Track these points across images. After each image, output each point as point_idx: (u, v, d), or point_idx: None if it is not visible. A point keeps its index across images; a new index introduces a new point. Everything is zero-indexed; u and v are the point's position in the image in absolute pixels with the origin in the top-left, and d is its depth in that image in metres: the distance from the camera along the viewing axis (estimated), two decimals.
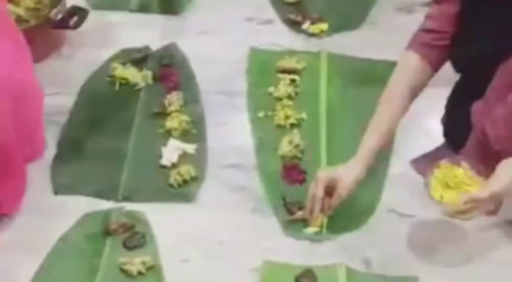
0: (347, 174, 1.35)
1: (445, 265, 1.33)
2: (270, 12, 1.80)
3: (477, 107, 1.35)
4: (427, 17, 1.42)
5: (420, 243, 1.37)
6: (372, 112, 1.57)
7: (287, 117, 1.56)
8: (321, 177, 1.35)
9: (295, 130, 1.52)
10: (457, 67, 1.39)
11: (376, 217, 1.40)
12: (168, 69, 1.66)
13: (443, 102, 1.50)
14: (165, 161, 1.49)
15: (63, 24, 1.66)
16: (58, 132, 1.53)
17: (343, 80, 1.64)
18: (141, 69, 1.65)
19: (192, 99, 1.60)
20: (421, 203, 1.42)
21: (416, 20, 1.78)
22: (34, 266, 1.31)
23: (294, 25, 1.77)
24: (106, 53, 1.68)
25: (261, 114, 1.57)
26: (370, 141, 1.36)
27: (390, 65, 1.66)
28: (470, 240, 1.37)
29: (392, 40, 1.74)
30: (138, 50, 1.68)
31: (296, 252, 1.35)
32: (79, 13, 1.68)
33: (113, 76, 1.63)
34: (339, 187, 1.34)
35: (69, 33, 1.71)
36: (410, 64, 1.40)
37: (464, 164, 1.30)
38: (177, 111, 1.57)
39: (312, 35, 1.75)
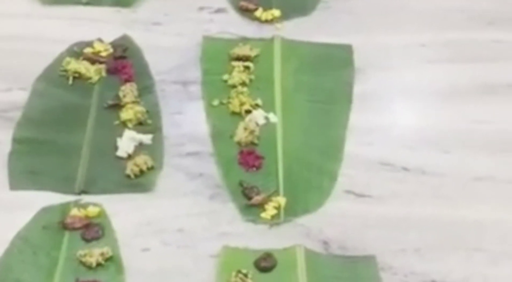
0: None
1: (401, 244, 1.35)
2: (223, 1, 1.79)
3: None
4: None
5: (377, 223, 1.38)
6: (326, 96, 1.59)
7: (242, 104, 1.56)
8: None
9: (250, 117, 1.53)
10: None
11: (333, 198, 1.41)
12: (122, 61, 1.65)
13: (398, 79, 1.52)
14: (121, 152, 1.48)
15: None
16: (13, 129, 1.52)
17: (297, 65, 1.65)
18: (94, 63, 1.65)
19: (146, 90, 1.59)
20: (378, 183, 1.44)
21: (368, 3, 1.81)
22: None
23: (247, 12, 1.77)
24: (59, 48, 1.66)
25: (216, 102, 1.58)
26: None
27: (344, 49, 1.69)
28: (425, 219, 1.39)
29: (345, 24, 1.76)
30: (90, 43, 1.68)
31: (255, 236, 1.36)
32: None
33: (66, 71, 1.62)
34: None
35: (20, 27, 1.70)
36: None
37: None
38: (132, 102, 1.56)
39: (265, 22, 1.75)
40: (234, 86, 1.60)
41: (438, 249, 1.33)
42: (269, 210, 1.39)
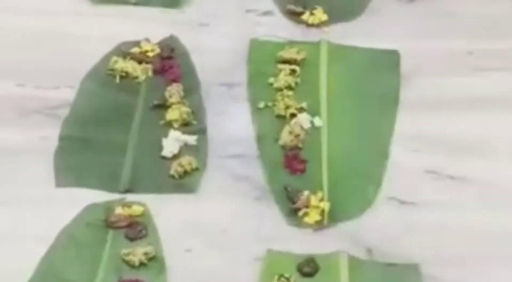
0: None
1: (446, 253, 1.33)
2: (270, 4, 1.79)
3: None
4: None
5: (421, 230, 1.37)
6: (372, 102, 1.58)
7: (287, 107, 1.55)
8: None
9: (295, 120, 1.53)
10: None
11: (377, 205, 1.40)
12: (169, 61, 1.66)
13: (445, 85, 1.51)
14: (166, 152, 1.49)
15: None
16: (60, 126, 1.54)
17: (344, 69, 1.64)
18: (141, 62, 1.66)
19: (192, 91, 1.60)
20: (422, 190, 1.43)
21: (416, 9, 1.80)
22: (36, 258, 1.32)
23: (294, 16, 1.77)
24: (106, 47, 1.68)
25: (261, 104, 1.57)
26: None
27: (391, 54, 1.68)
28: (472, 229, 1.37)
29: (392, 30, 1.75)
30: (138, 43, 1.69)
31: (298, 240, 1.35)
32: None
33: (113, 70, 1.63)
34: None
35: (69, 25, 1.72)
36: None
37: None
38: (177, 103, 1.56)
39: (312, 25, 1.75)
40: (280, 89, 1.59)
41: (483, 259, 1.32)
42: (313, 215, 1.38)
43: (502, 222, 1.37)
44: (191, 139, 1.51)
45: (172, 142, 1.50)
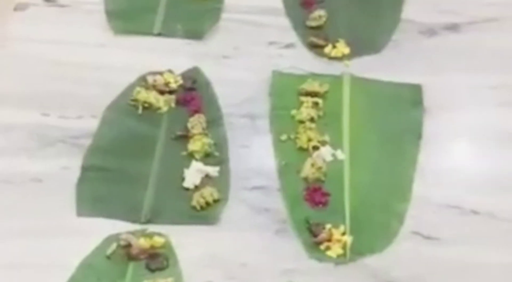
0: None
1: None
2: (292, 36, 1.80)
3: None
4: None
5: (444, 266, 1.35)
6: (394, 136, 1.58)
7: (309, 140, 1.55)
8: None
9: (317, 153, 1.53)
10: None
11: (400, 239, 1.39)
12: (191, 93, 1.67)
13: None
14: (187, 183, 1.49)
15: None
16: (82, 155, 1.54)
17: (366, 103, 1.64)
18: (163, 93, 1.66)
19: (214, 122, 1.60)
20: (446, 225, 1.42)
21: (438, 43, 1.79)
22: None
23: (316, 49, 1.77)
24: (130, 77, 1.69)
25: (284, 137, 1.57)
26: None
27: (413, 88, 1.68)
28: (496, 265, 1.36)
29: (414, 64, 1.74)
30: (161, 74, 1.69)
31: (320, 274, 1.35)
32: None
33: (136, 100, 1.64)
34: None
35: (93, 56, 1.74)
36: None
37: None
38: (199, 134, 1.57)
39: (334, 58, 1.75)
40: (302, 122, 1.59)
41: None
42: (335, 248, 1.37)
43: None
44: (213, 170, 1.51)
45: (194, 173, 1.50)
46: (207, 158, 1.54)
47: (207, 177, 1.50)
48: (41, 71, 1.70)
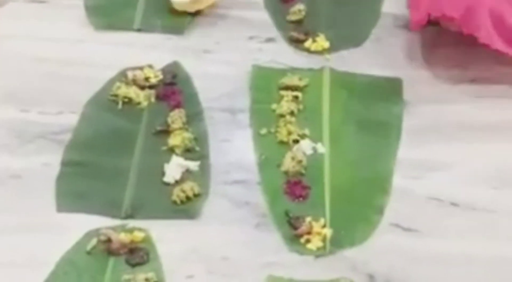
0: None
1: (449, 281, 1.33)
2: (272, 31, 1.80)
3: None
4: None
5: (424, 258, 1.36)
6: (374, 129, 1.58)
7: (290, 133, 1.56)
8: None
9: (298, 146, 1.53)
10: None
11: (380, 232, 1.40)
12: (171, 87, 1.66)
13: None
14: (168, 178, 1.48)
15: None
16: (62, 151, 1.54)
17: (346, 96, 1.64)
18: (143, 88, 1.66)
19: (195, 116, 1.60)
20: (426, 218, 1.43)
21: (418, 37, 1.80)
22: None
23: (296, 43, 1.77)
24: (109, 73, 1.68)
25: (264, 131, 1.58)
26: None
27: (393, 82, 1.68)
28: (475, 256, 1.37)
29: (394, 57, 1.75)
30: (141, 69, 1.69)
31: (300, 267, 1.35)
32: None
33: (116, 95, 1.64)
34: None
35: (72, 52, 1.73)
36: None
37: None
38: (180, 128, 1.57)
39: (314, 52, 1.75)
40: (282, 116, 1.59)
41: None
42: (315, 241, 1.38)
43: (507, 251, 1.36)
44: (193, 165, 1.51)
45: (174, 168, 1.50)
46: (187, 152, 1.53)
47: (187, 172, 1.50)
48: (20, 67, 1.69)
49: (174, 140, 1.55)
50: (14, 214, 1.43)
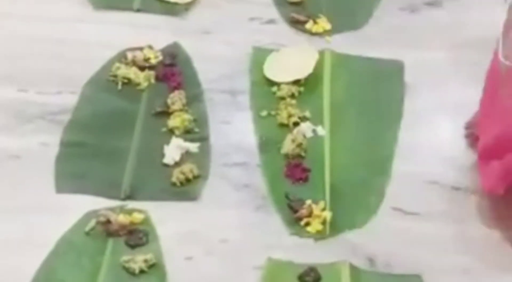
0: None
1: (449, 264, 1.33)
2: (273, 12, 1.79)
3: None
4: None
5: (424, 241, 1.36)
6: (375, 112, 1.58)
7: (290, 116, 1.55)
8: None
9: (298, 129, 1.52)
10: None
11: (380, 215, 1.39)
12: (171, 68, 1.65)
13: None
14: (167, 160, 1.48)
15: None
16: (61, 132, 1.53)
17: (347, 79, 1.64)
18: (143, 69, 1.65)
19: (195, 98, 1.59)
20: (426, 201, 1.42)
21: (419, 19, 1.79)
22: (36, 264, 1.31)
23: (297, 24, 1.76)
24: (109, 53, 1.67)
25: (264, 113, 1.57)
26: None
27: (395, 64, 1.67)
28: (475, 239, 1.36)
29: (395, 39, 1.74)
30: (141, 49, 1.68)
31: (300, 250, 1.35)
32: None
33: (115, 76, 1.63)
34: None
35: (71, 31, 1.72)
36: None
37: None
38: (180, 110, 1.56)
39: (315, 34, 1.74)
40: (283, 98, 1.59)
41: (487, 271, 1.31)
42: (315, 224, 1.37)
43: (506, 234, 1.36)
44: (193, 147, 1.50)
45: (174, 149, 1.49)
46: (187, 134, 1.53)
47: (187, 153, 1.49)
48: (19, 46, 1.68)
49: (174, 121, 1.54)
50: (13, 194, 1.42)
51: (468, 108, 1.59)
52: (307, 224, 1.38)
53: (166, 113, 1.56)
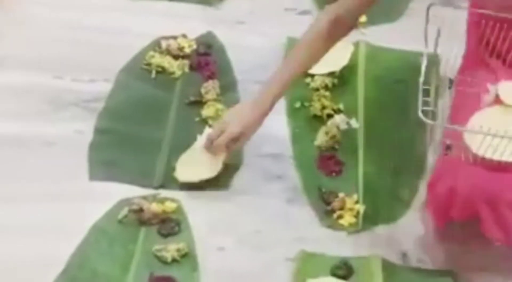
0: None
1: (481, 261, 1.32)
2: (308, 3, 1.78)
3: None
4: None
5: (457, 238, 1.35)
6: (410, 105, 1.56)
7: (324, 108, 1.54)
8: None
9: (332, 121, 1.51)
10: None
11: (414, 210, 1.39)
12: (205, 58, 1.65)
13: None
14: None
15: None
16: (95, 119, 1.53)
17: (382, 71, 1.63)
18: (177, 58, 1.65)
19: (228, 88, 1.59)
20: None
21: (455, 12, 1.76)
22: (69, 251, 1.32)
23: None
24: (143, 42, 1.67)
25: (297, 104, 1.56)
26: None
27: (430, 57, 1.65)
28: None
29: (430, 32, 1.72)
30: (175, 38, 1.68)
31: (332, 242, 1.34)
32: None
33: (149, 64, 1.63)
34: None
35: (106, 20, 1.72)
36: None
37: None
38: (213, 100, 1.56)
39: None
40: (316, 90, 1.58)
41: None
42: (348, 217, 1.37)
43: None
44: None
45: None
46: None
47: None
48: (54, 34, 1.69)
49: (208, 111, 1.54)
50: (47, 181, 1.43)
51: None
52: (340, 216, 1.37)
53: (199, 102, 1.56)
